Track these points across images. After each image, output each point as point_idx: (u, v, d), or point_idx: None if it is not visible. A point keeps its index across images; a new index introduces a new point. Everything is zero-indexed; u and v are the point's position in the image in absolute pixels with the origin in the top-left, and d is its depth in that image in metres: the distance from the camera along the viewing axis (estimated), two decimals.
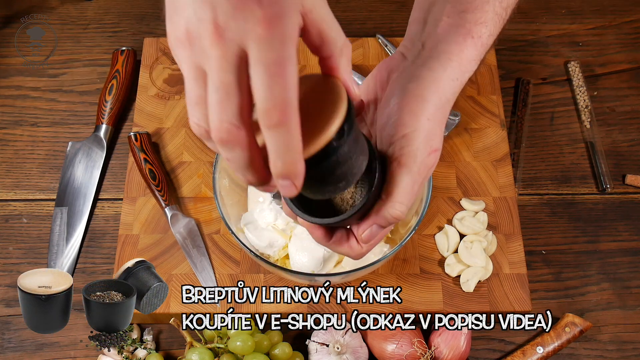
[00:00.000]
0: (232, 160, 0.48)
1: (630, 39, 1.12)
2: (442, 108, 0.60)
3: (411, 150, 0.58)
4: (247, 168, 0.48)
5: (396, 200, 0.58)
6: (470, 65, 0.62)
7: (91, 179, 0.98)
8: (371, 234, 0.60)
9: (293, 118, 0.44)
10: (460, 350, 0.83)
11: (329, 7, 0.51)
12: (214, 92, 0.45)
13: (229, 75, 0.44)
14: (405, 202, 0.58)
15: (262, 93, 0.43)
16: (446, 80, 0.61)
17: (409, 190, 0.58)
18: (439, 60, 0.62)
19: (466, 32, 0.62)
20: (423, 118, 0.59)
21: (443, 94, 0.60)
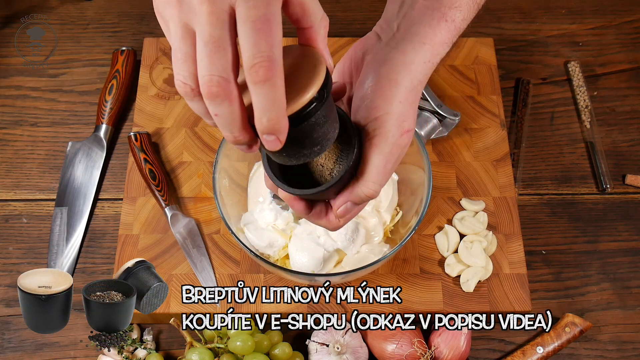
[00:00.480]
0: (220, 115, 0.49)
1: (630, 39, 1.12)
2: (414, 90, 0.62)
3: (383, 132, 0.60)
4: (234, 123, 0.50)
5: (369, 179, 0.60)
6: (442, 48, 0.64)
7: (91, 179, 0.98)
8: (345, 210, 0.62)
9: (278, 74, 0.46)
10: (460, 350, 0.83)
11: (329, 6, 0.52)
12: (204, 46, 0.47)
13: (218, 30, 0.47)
14: (378, 181, 0.60)
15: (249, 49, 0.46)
16: (418, 64, 0.62)
17: (381, 170, 0.60)
18: (411, 43, 0.63)
19: (440, 16, 0.63)
20: (395, 101, 0.60)
21: (415, 76, 0.62)
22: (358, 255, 0.84)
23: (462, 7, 0.64)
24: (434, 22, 0.63)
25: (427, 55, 0.63)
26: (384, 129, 0.60)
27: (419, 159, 0.84)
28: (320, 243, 0.83)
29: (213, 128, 0.99)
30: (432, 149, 0.97)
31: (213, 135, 0.98)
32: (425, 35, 0.63)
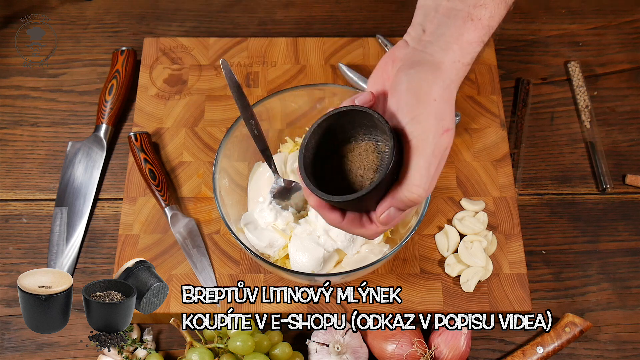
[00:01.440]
0: None
1: (630, 39, 1.12)
2: (447, 89, 0.62)
3: (422, 132, 0.60)
4: None
5: (412, 183, 0.59)
6: (472, 47, 0.63)
7: (91, 179, 0.98)
8: (389, 217, 0.62)
9: None
10: (460, 350, 0.83)
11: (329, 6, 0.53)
12: None
13: None
14: (422, 184, 0.59)
15: None
16: (447, 63, 0.62)
17: (424, 173, 0.59)
18: (438, 45, 0.63)
19: (465, 15, 0.63)
20: (429, 99, 0.60)
21: (447, 76, 0.62)
22: (358, 255, 0.84)
23: (488, 4, 0.63)
24: (459, 22, 0.63)
25: (456, 55, 0.63)
26: (422, 129, 0.60)
27: None
28: (320, 243, 0.83)
29: (213, 128, 0.99)
30: None
31: (213, 135, 0.98)
32: (451, 36, 0.63)
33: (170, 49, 1.06)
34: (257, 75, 1.04)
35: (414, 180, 0.59)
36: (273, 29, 1.13)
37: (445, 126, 0.61)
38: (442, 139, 0.60)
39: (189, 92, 1.02)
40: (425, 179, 0.60)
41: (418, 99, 0.61)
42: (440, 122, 0.60)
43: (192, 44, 1.06)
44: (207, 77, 1.03)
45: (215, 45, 1.06)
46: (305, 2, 1.15)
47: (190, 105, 1.01)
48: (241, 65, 1.04)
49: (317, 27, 1.13)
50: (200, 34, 1.12)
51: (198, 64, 1.05)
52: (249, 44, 1.06)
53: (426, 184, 0.60)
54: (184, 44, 1.06)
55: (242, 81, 1.03)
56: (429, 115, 0.60)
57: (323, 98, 0.92)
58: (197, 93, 1.02)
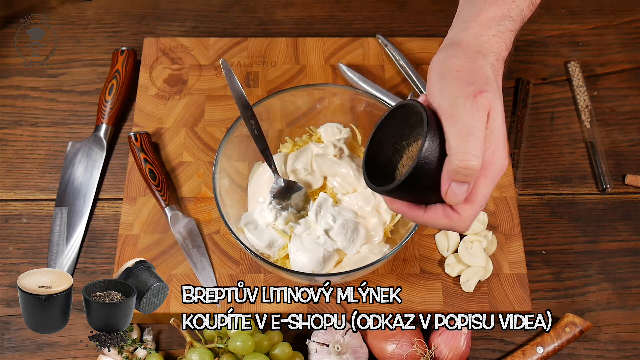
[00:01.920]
0: None
1: (630, 39, 1.12)
2: (471, 59, 0.63)
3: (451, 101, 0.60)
4: None
5: (455, 150, 0.59)
6: (494, 22, 0.65)
7: (91, 179, 0.98)
8: (453, 193, 0.60)
9: None
10: (460, 350, 0.83)
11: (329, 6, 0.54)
12: None
13: None
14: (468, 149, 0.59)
15: None
16: (468, 39, 0.64)
17: (464, 137, 0.59)
18: (457, 27, 0.66)
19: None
20: (452, 71, 0.62)
21: (468, 48, 0.64)
22: (358, 255, 0.84)
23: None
24: (479, 4, 0.66)
25: (476, 31, 0.65)
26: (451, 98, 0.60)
27: None
28: (320, 243, 0.83)
29: (213, 128, 0.99)
30: None
31: (213, 135, 0.98)
32: (469, 14, 0.66)
33: (170, 49, 1.06)
34: (257, 75, 1.04)
35: (456, 147, 0.59)
36: (273, 29, 1.13)
37: (475, 89, 0.60)
38: (476, 101, 0.60)
39: (189, 92, 1.02)
40: (468, 143, 0.59)
41: (441, 75, 0.62)
42: (469, 87, 0.61)
43: (192, 44, 1.06)
44: (207, 77, 1.03)
45: (215, 45, 1.06)
46: (305, 2, 1.15)
47: (190, 105, 1.01)
48: (241, 65, 1.04)
49: (317, 27, 1.13)
50: (200, 34, 1.12)
51: (198, 64, 1.05)
52: (249, 44, 1.06)
53: (473, 147, 0.59)
54: (184, 44, 1.06)
55: (242, 81, 1.03)
56: (454, 84, 0.61)
57: (323, 98, 0.92)
58: (197, 93, 1.02)
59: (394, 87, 1.03)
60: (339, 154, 0.89)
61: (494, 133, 0.61)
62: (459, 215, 0.63)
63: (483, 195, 0.62)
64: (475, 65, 0.63)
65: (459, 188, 0.60)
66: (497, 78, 0.64)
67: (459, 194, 0.61)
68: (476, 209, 0.63)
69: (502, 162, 0.62)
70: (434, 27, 1.13)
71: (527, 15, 0.69)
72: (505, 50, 0.66)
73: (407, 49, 1.06)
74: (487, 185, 0.62)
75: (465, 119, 0.59)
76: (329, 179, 0.90)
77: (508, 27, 0.66)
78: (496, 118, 0.61)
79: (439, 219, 0.64)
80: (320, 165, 0.89)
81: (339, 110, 0.93)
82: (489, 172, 0.61)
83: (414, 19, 1.14)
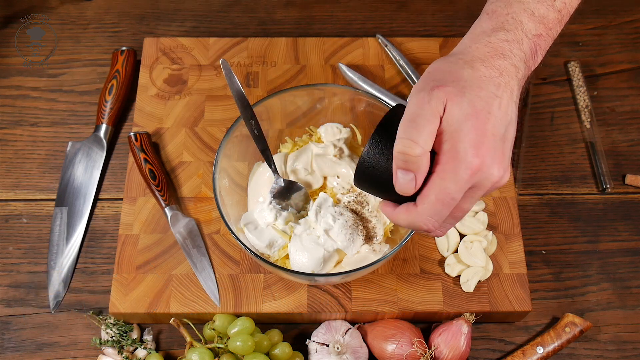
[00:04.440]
0: None
1: (630, 39, 1.12)
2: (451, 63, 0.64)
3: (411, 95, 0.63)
4: None
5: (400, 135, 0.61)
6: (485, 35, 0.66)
7: (91, 179, 0.98)
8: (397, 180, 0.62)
9: None
10: (460, 350, 0.83)
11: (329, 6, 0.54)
12: None
13: None
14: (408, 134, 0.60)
15: None
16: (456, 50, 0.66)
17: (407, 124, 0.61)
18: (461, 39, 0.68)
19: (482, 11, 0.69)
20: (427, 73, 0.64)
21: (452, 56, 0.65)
22: (358, 255, 0.84)
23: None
24: (477, 20, 0.69)
25: (466, 44, 0.66)
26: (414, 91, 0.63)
27: None
28: (320, 243, 0.83)
29: (213, 128, 0.99)
30: None
31: (213, 135, 0.98)
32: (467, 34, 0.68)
33: (170, 49, 1.06)
34: (257, 75, 1.04)
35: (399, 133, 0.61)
36: (273, 29, 1.13)
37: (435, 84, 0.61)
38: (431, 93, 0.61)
39: (189, 92, 1.02)
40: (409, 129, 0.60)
41: (421, 77, 0.64)
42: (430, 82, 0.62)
43: (192, 44, 1.06)
44: (207, 77, 1.03)
45: (215, 45, 1.06)
46: (305, 2, 1.15)
47: (190, 105, 1.01)
48: (241, 65, 1.04)
49: (317, 27, 1.13)
50: (200, 34, 1.12)
51: (198, 64, 1.05)
52: (249, 44, 1.06)
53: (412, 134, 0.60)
54: (184, 44, 1.06)
55: (242, 81, 1.03)
56: (421, 82, 0.63)
57: (323, 98, 0.92)
58: (197, 93, 1.02)
59: (394, 87, 1.03)
60: (339, 154, 0.89)
61: (453, 127, 0.60)
62: (416, 209, 0.62)
63: (440, 190, 0.61)
64: (450, 67, 0.63)
65: (403, 176, 0.61)
66: (486, 83, 0.62)
67: (404, 182, 0.61)
68: (432, 204, 0.61)
69: (472, 160, 0.59)
70: (434, 27, 1.13)
71: (532, 27, 0.67)
72: (499, 59, 0.63)
73: (407, 49, 1.06)
74: (446, 179, 0.60)
75: (412, 107, 0.61)
76: (329, 179, 0.90)
77: (501, 38, 0.65)
78: (452, 112, 0.60)
79: (400, 213, 0.64)
80: (320, 165, 0.89)
81: (339, 110, 0.93)
82: (448, 167, 0.60)
83: (414, 19, 1.14)
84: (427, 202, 0.61)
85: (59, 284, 0.91)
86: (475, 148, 0.59)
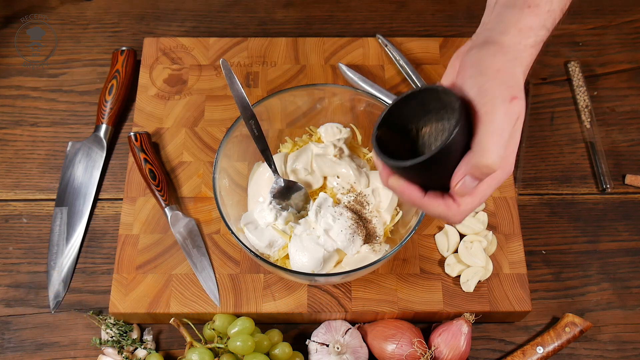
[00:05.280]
0: None
1: (630, 39, 1.12)
2: (511, 62, 0.63)
3: (488, 100, 0.61)
4: None
5: (483, 148, 0.60)
6: (533, 32, 0.65)
7: (91, 179, 0.98)
8: (464, 186, 0.62)
9: None
10: (460, 350, 0.83)
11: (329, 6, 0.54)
12: None
13: None
14: (495, 150, 0.60)
15: None
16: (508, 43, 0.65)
17: (495, 139, 0.60)
18: (497, 30, 0.66)
19: (522, 3, 0.66)
20: (493, 70, 0.62)
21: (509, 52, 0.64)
22: (358, 255, 0.84)
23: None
24: (517, 11, 0.66)
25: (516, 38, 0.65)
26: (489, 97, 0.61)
27: None
28: (320, 243, 0.83)
29: (213, 128, 0.99)
30: None
31: (213, 135, 0.98)
32: (509, 22, 0.65)
33: (170, 49, 1.06)
34: (257, 75, 1.04)
35: (485, 144, 0.60)
36: (273, 29, 1.13)
37: (512, 93, 0.61)
38: (511, 106, 0.61)
39: (189, 92, 1.02)
40: (497, 145, 0.60)
41: (481, 71, 0.62)
42: (507, 89, 0.61)
43: (192, 44, 1.06)
44: (207, 77, 1.03)
45: (215, 45, 1.06)
46: (305, 2, 1.15)
47: (190, 105, 1.01)
48: (241, 65, 1.04)
49: (317, 27, 1.13)
50: (200, 34, 1.12)
51: (198, 64, 1.05)
52: (249, 44, 1.06)
53: (500, 149, 0.60)
54: (184, 44, 1.06)
55: (242, 81, 1.03)
56: (493, 84, 0.61)
57: (323, 98, 0.92)
58: (197, 93, 1.02)
59: (394, 87, 1.03)
60: (339, 154, 0.90)
61: (514, 139, 0.63)
62: (458, 207, 0.64)
63: (485, 193, 0.64)
64: (513, 70, 0.64)
65: (471, 182, 0.62)
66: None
67: (469, 187, 0.62)
68: (475, 205, 0.65)
69: (510, 168, 0.64)
70: (434, 27, 1.13)
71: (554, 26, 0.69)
72: (531, 65, 0.66)
73: (407, 49, 1.06)
74: (492, 185, 0.64)
75: (500, 120, 0.60)
76: (329, 179, 0.90)
77: (542, 38, 0.67)
78: (520, 126, 0.63)
79: (437, 205, 0.65)
80: (320, 165, 0.89)
81: (339, 110, 0.93)
82: (498, 174, 0.63)
83: (414, 19, 1.14)
84: (473, 203, 0.64)
85: (59, 284, 0.91)
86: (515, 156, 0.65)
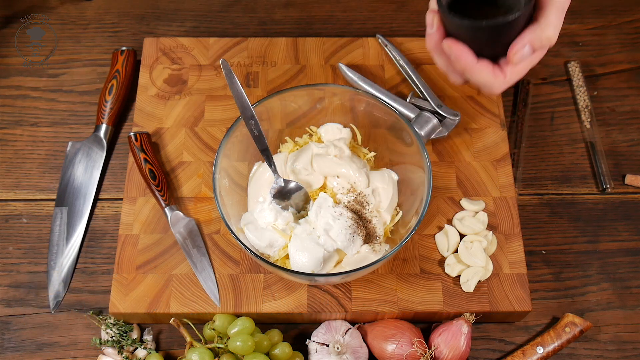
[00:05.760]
0: None
1: (630, 39, 1.12)
2: None
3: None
4: None
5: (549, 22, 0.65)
6: None
7: (91, 179, 0.98)
8: (522, 54, 0.67)
9: None
10: (460, 350, 0.83)
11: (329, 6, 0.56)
12: None
13: None
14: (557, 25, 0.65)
15: None
16: None
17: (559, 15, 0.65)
18: None
19: None
20: None
21: None
22: (358, 255, 0.84)
23: None
24: None
25: None
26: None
27: (419, 159, 0.84)
28: (320, 243, 0.83)
29: (213, 128, 0.99)
30: (432, 149, 0.97)
31: (213, 135, 0.98)
32: None
33: (170, 49, 1.06)
34: (257, 75, 1.04)
35: (550, 19, 0.65)
36: (273, 29, 1.13)
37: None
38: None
39: (189, 92, 1.02)
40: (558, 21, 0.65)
41: None
42: None
43: (192, 44, 1.06)
44: (207, 77, 1.03)
45: (215, 45, 1.06)
46: (305, 2, 1.15)
47: (190, 105, 1.01)
48: (241, 65, 1.04)
49: (317, 27, 1.13)
50: (200, 34, 1.12)
51: (198, 64, 1.05)
52: (249, 44, 1.06)
53: (558, 26, 0.65)
54: (184, 44, 1.06)
55: (242, 81, 1.03)
56: None
57: (323, 98, 0.92)
58: (197, 93, 1.02)
59: (394, 87, 1.03)
60: (339, 154, 0.90)
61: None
62: (504, 77, 0.70)
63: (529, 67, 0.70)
64: None
65: (528, 52, 0.67)
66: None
67: (526, 56, 0.67)
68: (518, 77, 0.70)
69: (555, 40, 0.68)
70: None
71: None
72: None
73: (407, 49, 1.06)
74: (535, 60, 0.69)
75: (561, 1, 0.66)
76: (329, 179, 0.90)
77: None
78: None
79: (487, 73, 0.70)
80: (320, 165, 0.89)
81: (339, 110, 0.93)
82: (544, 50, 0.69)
83: (414, 19, 1.14)
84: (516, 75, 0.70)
85: (59, 284, 0.91)
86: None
